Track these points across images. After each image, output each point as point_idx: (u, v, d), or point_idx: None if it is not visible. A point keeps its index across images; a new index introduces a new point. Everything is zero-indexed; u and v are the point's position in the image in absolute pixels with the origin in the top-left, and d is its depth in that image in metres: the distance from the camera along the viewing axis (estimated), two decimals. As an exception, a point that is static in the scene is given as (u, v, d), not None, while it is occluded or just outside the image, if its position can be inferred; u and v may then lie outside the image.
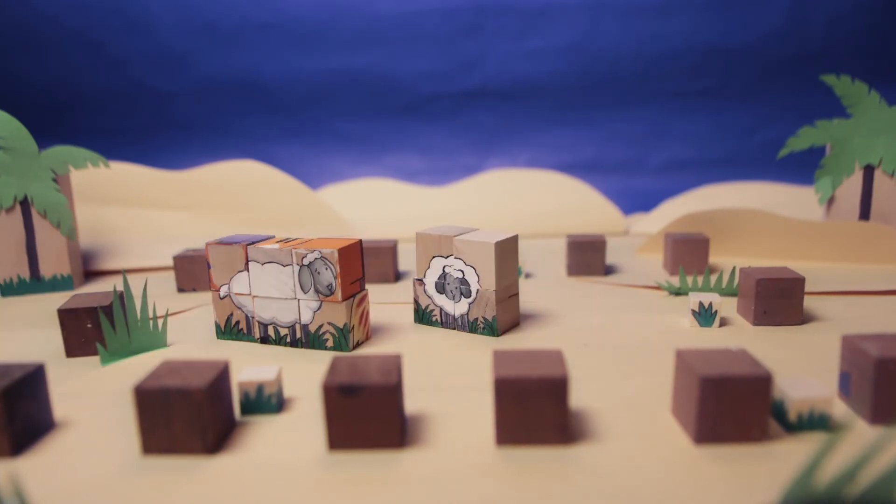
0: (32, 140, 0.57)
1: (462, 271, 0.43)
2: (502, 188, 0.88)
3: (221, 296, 0.42)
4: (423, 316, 0.45)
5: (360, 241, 0.41)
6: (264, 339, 0.42)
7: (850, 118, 0.62)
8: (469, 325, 0.43)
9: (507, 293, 0.43)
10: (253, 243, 0.41)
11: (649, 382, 0.35)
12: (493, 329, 0.43)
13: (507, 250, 0.42)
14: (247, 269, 0.41)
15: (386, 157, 1.13)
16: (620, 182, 1.05)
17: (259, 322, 0.42)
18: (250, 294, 0.42)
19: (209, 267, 0.42)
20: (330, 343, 0.41)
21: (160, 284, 0.59)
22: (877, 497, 0.20)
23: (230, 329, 0.43)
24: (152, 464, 0.28)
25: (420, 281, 0.45)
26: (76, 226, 0.60)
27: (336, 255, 0.39)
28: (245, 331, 0.42)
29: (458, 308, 0.43)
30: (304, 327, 0.41)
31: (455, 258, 0.43)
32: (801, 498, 0.20)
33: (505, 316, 0.43)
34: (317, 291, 0.40)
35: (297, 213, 0.76)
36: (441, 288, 0.44)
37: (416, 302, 0.45)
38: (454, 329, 0.44)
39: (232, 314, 0.42)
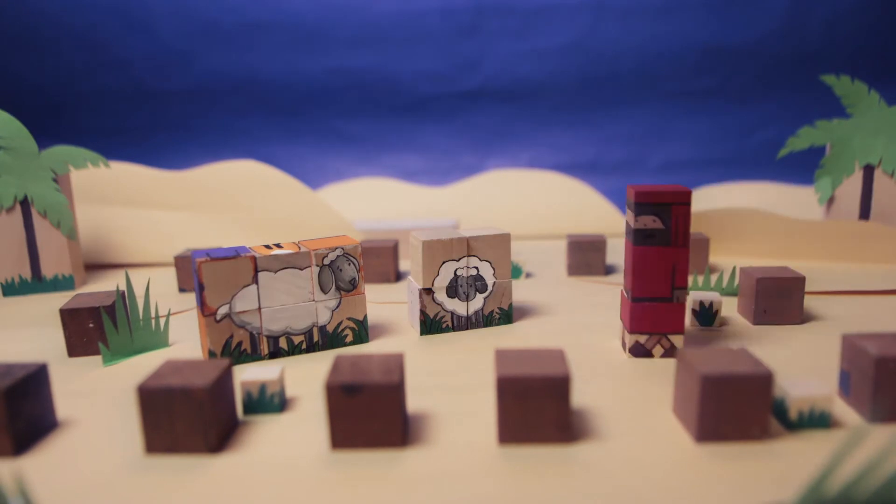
0: (32, 140, 0.57)
1: (477, 268, 0.43)
2: (502, 188, 0.88)
3: (218, 318, 0.38)
4: (431, 326, 0.43)
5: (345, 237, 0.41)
6: (273, 354, 0.39)
7: (850, 118, 0.62)
8: (484, 320, 0.44)
9: None
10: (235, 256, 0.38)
11: (650, 381, 0.35)
12: (509, 317, 0.44)
13: None
14: (255, 281, 0.38)
15: (386, 157, 1.13)
16: (620, 182, 1.05)
17: (268, 337, 0.39)
18: (258, 308, 0.39)
19: (202, 289, 0.37)
20: (350, 338, 0.41)
21: (161, 284, 0.59)
22: (886, 499, 0.20)
23: (229, 355, 0.38)
24: (155, 463, 0.28)
25: (428, 290, 0.43)
26: (76, 226, 0.60)
27: (359, 248, 0.40)
28: (249, 350, 0.39)
29: (471, 306, 0.44)
30: (322, 329, 0.40)
31: (469, 257, 0.43)
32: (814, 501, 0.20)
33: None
34: (338, 289, 0.40)
35: (297, 213, 0.76)
36: (453, 292, 0.43)
37: (422, 313, 0.43)
38: (466, 329, 0.44)
39: (232, 337, 0.38)
